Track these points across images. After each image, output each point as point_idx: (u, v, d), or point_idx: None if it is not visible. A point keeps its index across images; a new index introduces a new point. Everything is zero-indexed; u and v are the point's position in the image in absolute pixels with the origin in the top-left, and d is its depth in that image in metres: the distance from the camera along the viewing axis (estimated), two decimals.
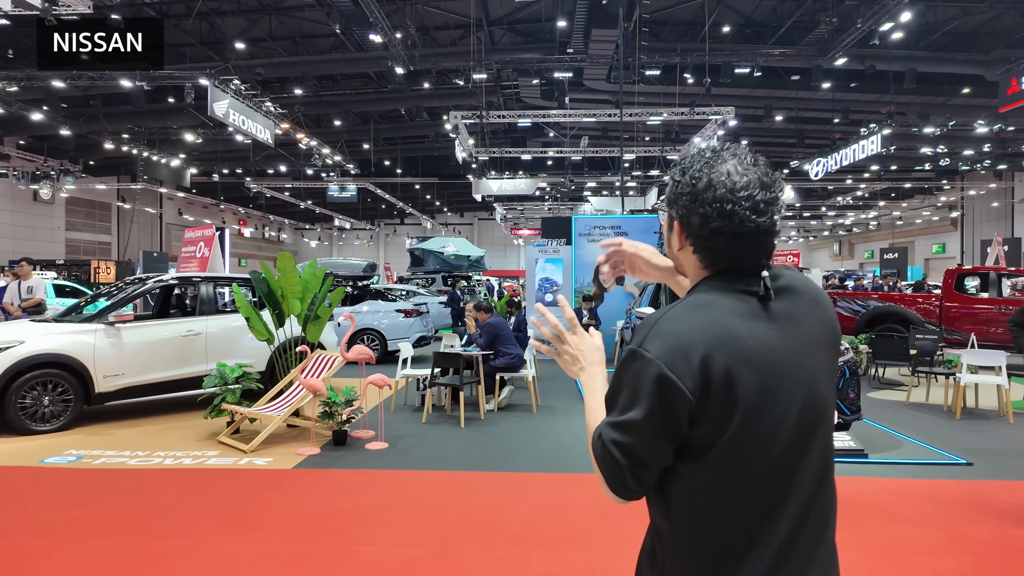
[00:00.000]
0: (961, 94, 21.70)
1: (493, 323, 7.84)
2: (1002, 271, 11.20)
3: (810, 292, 1.27)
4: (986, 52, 19.47)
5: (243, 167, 31.25)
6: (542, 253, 13.04)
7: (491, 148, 25.50)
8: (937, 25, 19.36)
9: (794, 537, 1.16)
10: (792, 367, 1.17)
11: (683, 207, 1.25)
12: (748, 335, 1.16)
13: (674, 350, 1.14)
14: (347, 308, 11.86)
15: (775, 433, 1.15)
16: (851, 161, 21.65)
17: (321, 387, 6.20)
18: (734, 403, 1.12)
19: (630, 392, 1.16)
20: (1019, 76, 16.44)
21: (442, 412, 7.92)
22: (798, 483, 1.17)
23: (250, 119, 20.66)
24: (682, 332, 1.15)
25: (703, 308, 1.19)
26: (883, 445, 6.32)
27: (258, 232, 46.77)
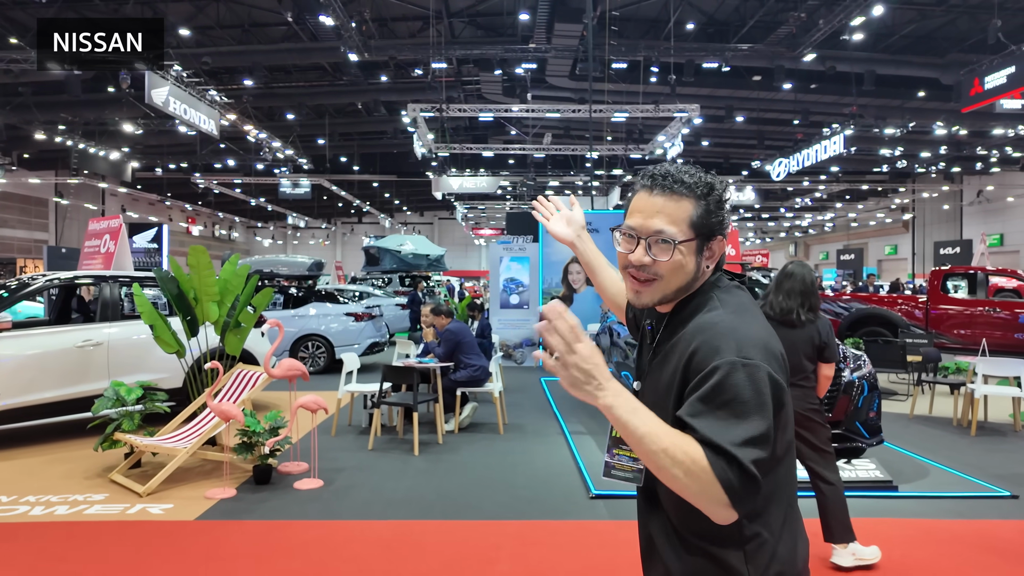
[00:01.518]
0: (917, 97, 21.55)
1: (454, 330, 6.62)
2: (989, 272, 10.48)
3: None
4: (941, 56, 19.37)
5: (190, 161, 29.30)
6: (507, 251, 11.85)
7: (451, 144, 24.23)
8: (895, 28, 19.18)
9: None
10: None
11: (724, 225, 1.35)
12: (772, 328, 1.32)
13: (766, 352, 1.21)
14: (286, 312, 10.46)
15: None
16: (813, 161, 21.16)
17: (235, 413, 4.89)
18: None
19: (750, 404, 1.14)
20: (982, 77, 16.11)
21: (393, 435, 6.66)
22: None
23: (194, 108, 19.00)
24: (760, 335, 1.23)
25: (748, 310, 1.30)
26: (908, 473, 5.31)
27: (208, 230, 44.39)
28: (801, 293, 3.63)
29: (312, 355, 10.43)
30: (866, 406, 5.22)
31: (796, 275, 3.68)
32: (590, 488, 4.91)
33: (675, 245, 1.30)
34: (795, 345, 3.59)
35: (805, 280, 3.67)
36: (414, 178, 32.31)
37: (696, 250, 1.32)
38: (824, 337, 3.61)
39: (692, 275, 1.33)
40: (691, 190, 1.32)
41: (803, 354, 3.60)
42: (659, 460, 1.10)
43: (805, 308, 3.63)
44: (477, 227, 44.70)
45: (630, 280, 1.37)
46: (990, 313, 9.58)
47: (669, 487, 1.13)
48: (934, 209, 34.41)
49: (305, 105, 25.22)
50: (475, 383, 6.71)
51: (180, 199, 38.05)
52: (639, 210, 1.35)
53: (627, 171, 28.01)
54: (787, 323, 3.61)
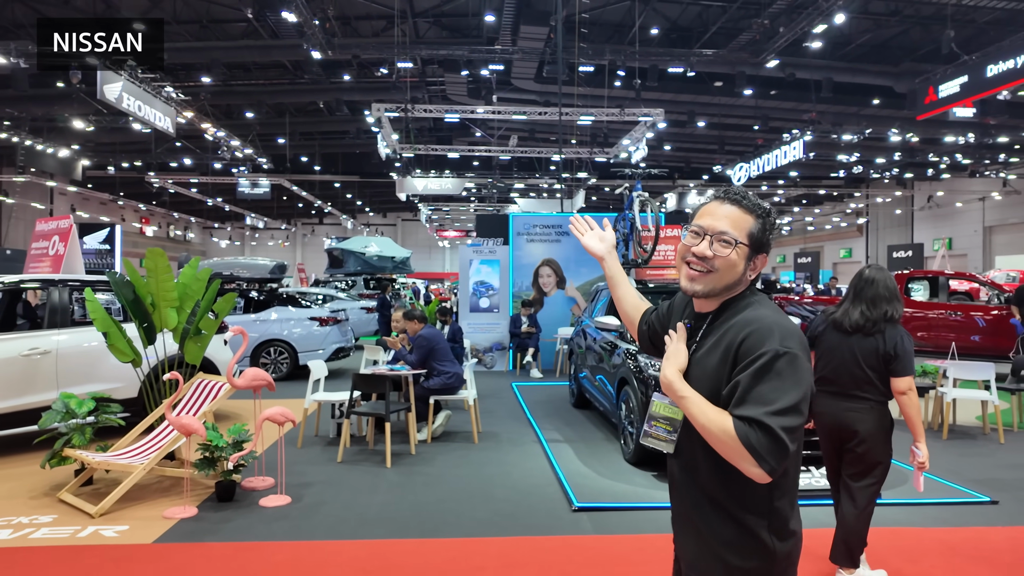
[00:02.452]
0: (872, 104, 22.05)
1: (427, 336, 6.37)
2: (950, 275, 10.66)
3: None
4: (895, 65, 19.78)
5: (144, 160, 28.26)
6: (477, 254, 11.60)
7: (416, 145, 23.86)
8: (852, 37, 19.59)
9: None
10: None
11: (769, 245, 1.65)
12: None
13: (801, 344, 1.49)
14: (247, 317, 10.03)
15: None
16: (774, 166, 21.47)
17: (196, 427, 4.57)
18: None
19: (788, 382, 1.42)
20: (936, 85, 16.56)
21: (363, 446, 6.37)
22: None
23: (148, 105, 18.31)
24: (796, 330, 1.51)
25: (780, 312, 1.57)
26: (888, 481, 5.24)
27: (162, 231, 42.95)
28: (886, 300, 3.37)
29: (274, 361, 10.03)
30: None
31: (878, 281, 3.41)
32: (572, 500, 4.73)
33: (736, 245, 1.58)
34: (857, 355, 3.35)
35: (888, 286, 3.40)
36: (377, 179, 31.75)
37: (747, 257, 1.61)
38: (889, 346, 3.28)
39: (738, 277, 1.61)
40: (754, 209, 1.62)
41: (866, 365, 3.34)
42: (711, 432, 1.44)
43: (887, 317, 3.35)
44: (441, 229, 44.25)
45: (687, 270, 1.63)
46: (948, 316, 9.74)
47: (718, 451, 1.45)
48: (887, 214, 35.36)
49: (265, 103, 24.55)
50: (449, 391, 6.47)
51: (133, 199, 36.72)
52: (709, 213, 1.63)
53: (592, 174, 28.01)
54: (862, 332, 3.35)
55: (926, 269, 12.94)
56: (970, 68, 15.44)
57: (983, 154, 23.89)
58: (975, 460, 5.92)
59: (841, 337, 3.42)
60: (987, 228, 29.16)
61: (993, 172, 25.59)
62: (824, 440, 3.52)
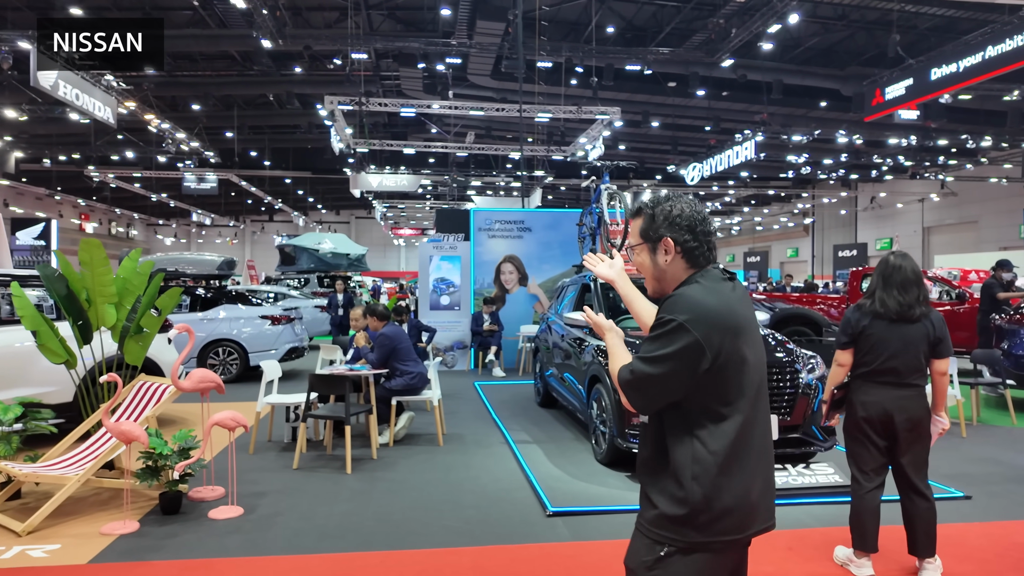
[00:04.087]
0: (820, 107, 22.52)
1: (389, 334, 6.03)
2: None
3: (737, 278, 1.84)
4: (842, 68, 20.24)
5: (83, 152, 26.85)
6: (437, 250, 11.25)
7: (371, 140, 23.30)
8: (801, 40, 19.97)
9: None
10: (755, 325, 1.78)
11: (668, 227, 1.77)
12: (739, 308, 1.72)
13: (707, 320, 1.64)
14: (193, 316, 9.46)
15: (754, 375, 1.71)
16: (726, 166, 21.71)
17: (137, 434, 4.15)
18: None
19: (662, 342, 1.69)
20: (883, 88, 16.98)
21: (320, 451, 6.00)
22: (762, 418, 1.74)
23: (87, 94, 17.29)
24: (710, 305, 1.66)
25: (714, 290, 1.70)
26: None
27: (103, 227, 41.03)
28: (915, 284, 3.39)
29: (223, 362, 9.50)
30: (821, 408, 5.07)
31: (905, 267, 3.41)
32: (546, 505, 4.49)
33: (635, 248, 1.86)
34: (911, 342, 3.36)
35: (915, 271, 3.42)
36: (330, 175, 30.98)
37: (650, 251, 1.82)
38: (939, 331, 3.38)
39: (660, 272, 1.81)
40: (640, 210, 1.85)
41: (920, 351, 3.36)
42: (611, 370, 1.78)
43: (920, 301, 3.37)
44: (397, 227, 43.56)
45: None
46: None
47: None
48: (832, 214, 36.37)
49: (212, 95, 23.61)
50: (412, 391, 6.15)
51: (72, 193, 34.95)
52: (629, 234, 1.93)
53: (548, 172, 27.89)
54: (905, 319, 3.35)
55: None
56: (915, 71, 15.84)
57: (923, 157, 24.72)
58: (944, 454, 5.91)
59: (888, 326, 3.38)
60: (926, 228, 30.27)
61: (932, 174, 26.51)
62: (877, 434, 3.44)
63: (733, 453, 1.63)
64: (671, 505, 1.64)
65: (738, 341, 1.65)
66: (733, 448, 1.63)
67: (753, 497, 1.65)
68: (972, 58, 14.33)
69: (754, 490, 1.66)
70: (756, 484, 1.67)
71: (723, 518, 1.62)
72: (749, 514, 1.66)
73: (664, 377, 1.62)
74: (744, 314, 1.71)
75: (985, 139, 21.56)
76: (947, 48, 15.68)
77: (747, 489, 1.64)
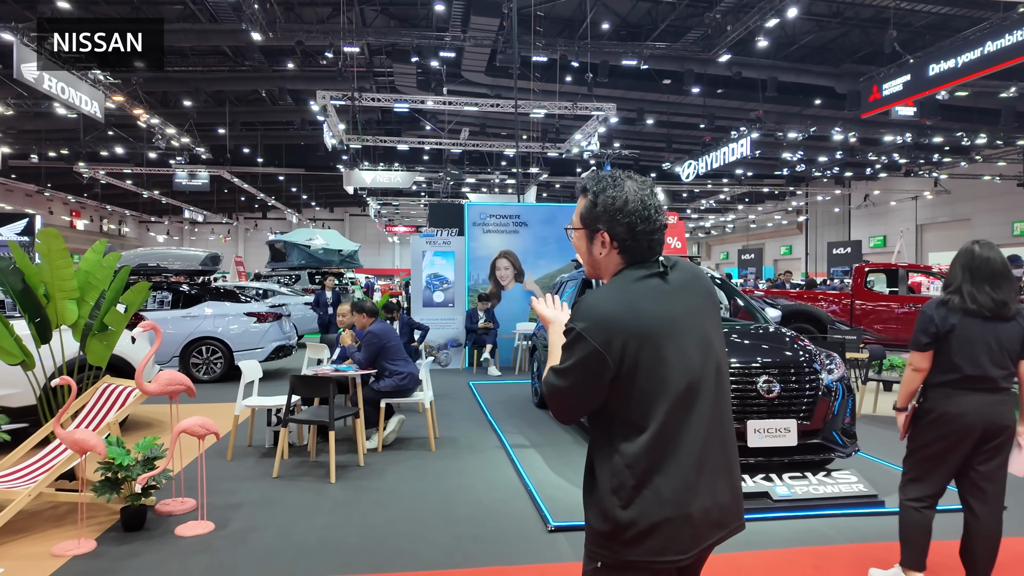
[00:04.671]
0: (814, 105, 22.28)
1: (377, 332, 5.58)
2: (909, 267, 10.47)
3: (691, 270, 1.65)
4: (836, 66, 19.99)
5: (71, 148, 26.25)
6: (430, 245, 10.78)
7: (364, 136, 22.82)
8: (796, 38, 19.79)
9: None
10: (688, 324, 1.55)
11: (607, 221, 1.59)
12: (655, 309, 1.53)
13: (596, 321, 1.51)
14: (176, 313, 8.95)
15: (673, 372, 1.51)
16: (721, 163, 21.37)
17: (93, 443, 3.69)
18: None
19: (565, 352, 1.61)
20: (880, 84, 16.71)
21: (303, 457, 5.54)
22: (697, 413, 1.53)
23: (73, 88, 16.72)
24: (601, 307, 1.53)
25: (616, 287, 1.57)
26: (884, 484, 4.76)
27: (94, 224, 40.30)
28: (1006, 278, 2.93)
29: (207, 361, 9.02)
30: (842, 412, 4.67)
31: (993, 259, 2.95)
32: (547, 519, 4.05)
33: (573, 231, 1.72)
34: (1006, 342, 2.91)
35: (1004, 263, 2.97)
36: (323, 172, 30.49)
37: (586, 238, 1.67)
38: None
39: (590, 257, 1.68)
40: (584, 189, 1.69)
41: (1013, 352, 2.92)
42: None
43: (1014, 296, 2.91)
44: (391, 224, 43.02)
45: None
46: (913, 309, 9.52)
47: None
48: (825, 212, 36.09)
49: (203, 91, 23.10)
50: (402, 393, 5.70)
51: (62, 190, 34.26)
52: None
53: (543, 169, 27.47)
54: (1000, 317, 2.91)
55: (886, 262, 12.82)
56: (913, 68, 15.60)
57: (918, 154, 24.47)
58: None
59: (979, 325, 2.93)
60: (919, 226, 30.00)
61: (926, 172, 26.24)
62: (960, 441, 2.97)
63: (654, 466, 1.47)
64: (597, 519, 1.53)
65: (649, 344, 1.49)
66: (653, 460, 1.47)
67: (692, 514, 1.48)
68: (970, 54, 14.10)
69: (693, 507, 1.48)
70: (696, 500, 1.48)
71: (653, 535, 1.47)
72: (687, 533, 1.48)
73: (570, 389, 1.53)
74: (662, 314, 1.52)
75: (980, 136, 21.28)
76: (945, 44, 15.40)
77: (681, 505, 1.47)
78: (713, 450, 1.52)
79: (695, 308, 1.58)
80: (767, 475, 4.42)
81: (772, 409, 4.37)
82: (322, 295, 12.27)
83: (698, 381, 1.52)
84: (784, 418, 4.36)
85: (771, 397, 4.36)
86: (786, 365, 4.48)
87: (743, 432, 4.28)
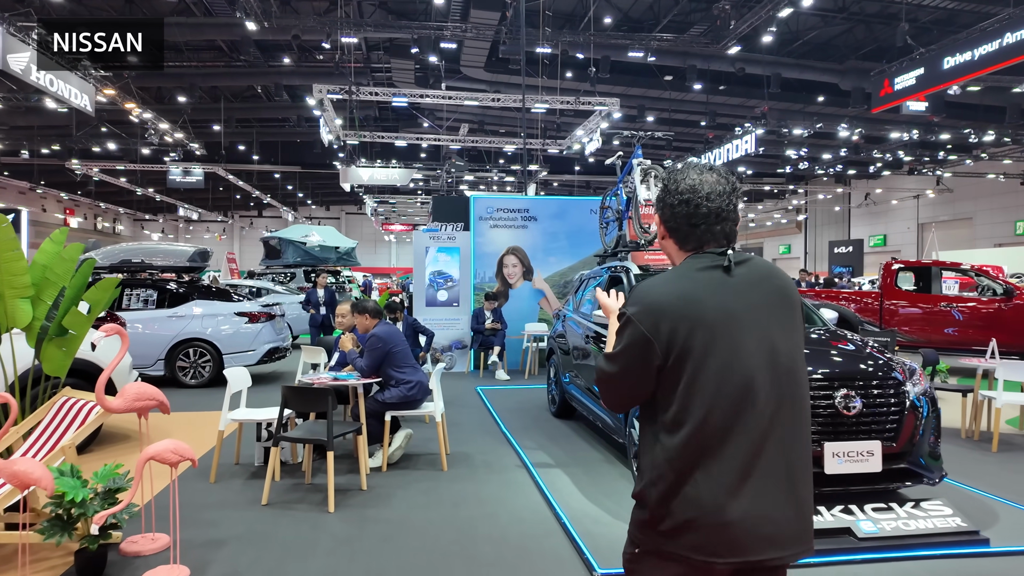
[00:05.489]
0: (817, 102, 21.83)
1: (382, 335, 4.82)
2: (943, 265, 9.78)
3: (763, 268, 1.54)
4: (840, 62, 19.46)
5: (64, 145, 25.39)
6: (434, 240, 9.99)
7: (361, 132, 22.05)
8: (799, 33, 19.38)
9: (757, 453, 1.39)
10: (748, 321, 1.44)
11: (660, 206, 1.60)
12: (710, 300, 1.44)
13: (646, 306, 1.47)
14: (161, 312, 8.15)
15: (729, 372, 1.41)
16: (725, 160, 20.77)
17: (36, 476, 2.92)
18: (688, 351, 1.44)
19: (618, 337, 1.57)
20: (892, 78, 16.16)
21: (298, 479, 4.77)
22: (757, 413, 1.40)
23: (63, 80, 15.91)
24: (652, 292, 1.49)
25: (671, 275, 1.52)
26: (983, 518, 3.95)
27: (88, 222, 39.28)
28: None
29: (194, 365, 8.23)
30: (928, 431, 3.93)
31: None
32: (592, 564, 3.30)
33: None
34: None
35: None
36: (319, 169, 29.74)
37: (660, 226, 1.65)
38: None
39: (663, 248, 1.66)
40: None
41: None
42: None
43: None
44: (387, 223, 42.18)
45: None
46: (949, 310, 8.82)
47: None
48: (824, 211, 35.50)
49: (198, 87, 22.28)
50: (410, 404, 4.94)
51: (55, 187, 33.31)
52: None
53: (543, 166, 26.78)
54: None
55: (918, 260, 12.14)
56: (926, 61, 15.06)
57: (922, 152, 23.96)
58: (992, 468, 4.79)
59: None
60: (921, 225, 29.43)
61: (930, 170, 25.67)
62: None
63: (695, 462, 1.39)
64: (638, 507, 1.50)
65: (700, 334, 1.40)
66: (695, 456, 1.39)
67: (730, 520, 1.35)
68: (988, 46, 13.58)
69: (732, 512, 1.36)
70: (737, 506, 1.36)
71: (687, 531, 1.38)
72: (723, 537, 1.36)
73: (620, 374, 1.49)
74: (717, 305, 1.43)
75: (989, 133, 20.77)
76: (961, 36, 14.86)
77: (719, 508, 1.36)
78: (771, 459, 1.40)
79: (760, 308, 1.46)
80: (846, 506, 3.69)
81: (853, 429, 3.64)
82: (314, 294, 11.22)
83: (754, 382, 1.40)
84: (867, 439, 3.63)
85: (852, 415, 3.63)
86: (867, 377, 3.75)
87: (819, 456, 3.55)
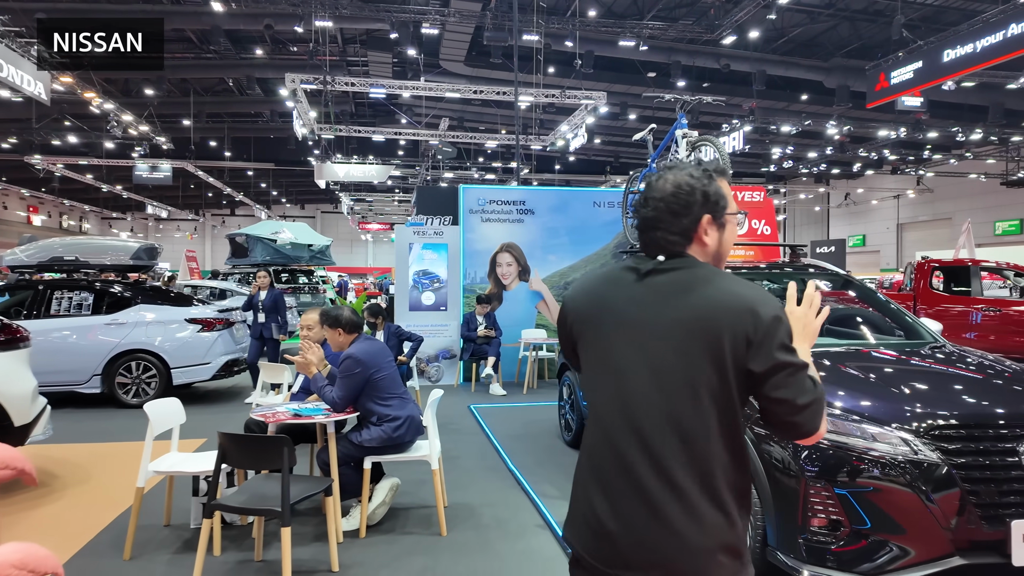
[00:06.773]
0: (801, 100, 21.21)
1: (361, 357, 3.44)
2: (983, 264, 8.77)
3: (688, 284, 1.30)
4: (825, 60, 18.85)
5: (22, 138, 23.52)
6: (418, 236, 8.63)
7: (336, 126, 20.64)
8: (784, 31, 18.75)
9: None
10: (632, 331, 1.31)
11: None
12: (610, 300, 1.36)
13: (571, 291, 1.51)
14: (98, 319, 6.70)
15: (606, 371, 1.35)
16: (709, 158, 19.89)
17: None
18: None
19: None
20: (888, 72, 15.50)
21: (246, 549, 3.44)
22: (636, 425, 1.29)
23: (13, 65, 14.24)
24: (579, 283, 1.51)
25: (596, 274, 1.47)
26: None
27: (53, 220, 37.00)
28: None
29: (137, 380, 6.81)
30: None
31: None
32: None
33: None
34: None
35: None
36: (294, 166, 28.23)
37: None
38: None
39: None
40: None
41: None
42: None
43: None
44: (364, 221, 40.59)
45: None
46: (992, 313, 7.80)
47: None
48: (803, 211, 34.98)
49: (166, 79, 20.65)
50: (397, 447, 3.62)
51: (17, 183, 31.16)
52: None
53: (524, 164, 25.68)
54: None
55: (957, 259, 11.13)
56: (925, 54, 14.36)
57: (906, 152, 23.52)
58: None
59: None
60: (900, 225, 28.95)
61: (912, 170, 25.16)
62: None
63: (582, 451, 1.40)
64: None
65: (592, 328, 1.37)
66: (583, 446, 1.39)
67: (581, 511, 1.33)
68: (992, 37, 12.87)
69: (580, 505, 1.34)
70: (584, 503, 1.32)
71: (569, 524, 1.37)
72: (578, 528, 1.33)
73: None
74: (612, 307, 1.35)
75: (976, 132, 20.30)
76: (962, 28, 14.19)
77: (577, 499, 1.35)
78: (614, 469, 1.28)
79: (656, 321, 1.29)
80: None
81: None
82: (254, 298, 7.44)
83: (632, 387, 1.29)
84: None
85: None
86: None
87: (1004, 539, 2.37)
